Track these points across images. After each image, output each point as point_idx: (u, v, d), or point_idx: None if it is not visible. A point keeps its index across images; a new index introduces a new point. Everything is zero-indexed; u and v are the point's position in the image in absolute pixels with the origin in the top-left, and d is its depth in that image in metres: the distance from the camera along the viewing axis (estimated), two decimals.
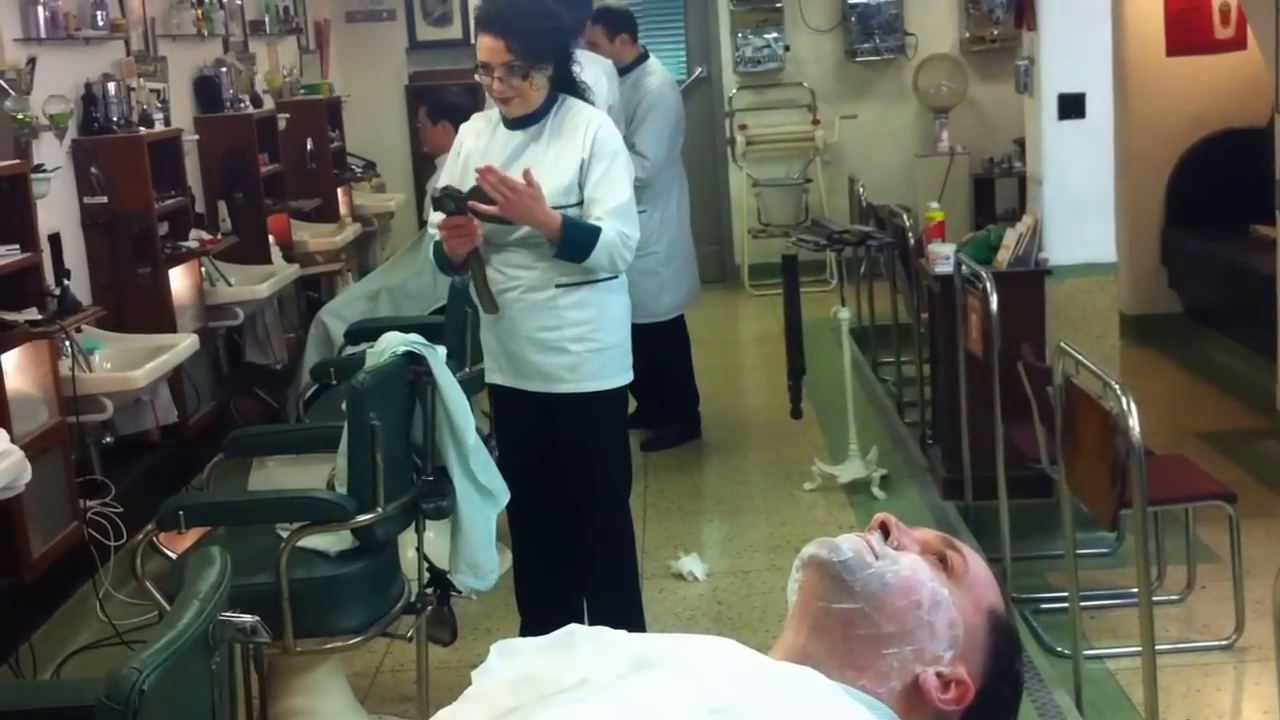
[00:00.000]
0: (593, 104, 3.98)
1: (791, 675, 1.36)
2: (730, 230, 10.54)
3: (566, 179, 3.77)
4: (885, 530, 1.50)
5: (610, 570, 4.12)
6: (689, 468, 6.29)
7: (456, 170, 3.91)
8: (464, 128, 4.02)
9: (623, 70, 6.40)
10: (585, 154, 3.78)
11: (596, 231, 3.73)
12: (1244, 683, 4.18)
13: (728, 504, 5.80)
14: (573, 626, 1.47)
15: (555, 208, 3.72)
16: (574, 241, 3.72)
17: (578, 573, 4.11)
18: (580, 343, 3.87)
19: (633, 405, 6.33)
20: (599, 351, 3.91)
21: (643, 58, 6.43)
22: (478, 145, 3.90)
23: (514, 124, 3.86)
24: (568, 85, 3.89)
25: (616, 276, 3.92)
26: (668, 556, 5.09)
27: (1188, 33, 7.75)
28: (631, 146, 5.28)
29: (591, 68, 5.28)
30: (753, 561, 5.10)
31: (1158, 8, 7.74)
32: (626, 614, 4.02)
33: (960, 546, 1.51)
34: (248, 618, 2.39)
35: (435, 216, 3.81)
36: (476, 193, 3.68)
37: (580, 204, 3.78)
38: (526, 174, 3.66)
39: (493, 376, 4.03)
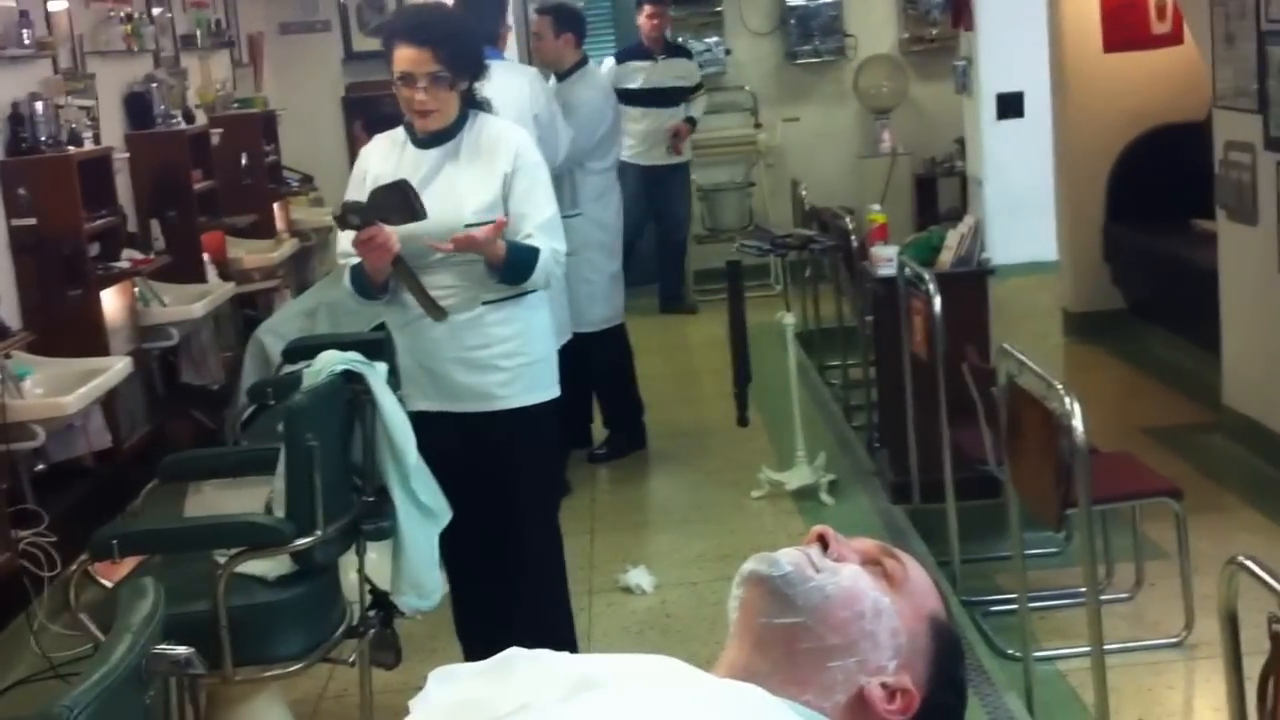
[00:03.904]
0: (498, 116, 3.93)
1: (735, 693, 1.35)
2: None
3: (489, 195, 3.72)
4: (824, 542, 1.49)
5: (543, 586, 4.04)
6: (635, 479, 6.26)
7: (364, 195, 3.74)
8: (365, 151, 3.92)
9: (561, 74, 6.37)
10: (508, 168, 3.73)
11: (535, 253, 3.71)
12: (1194, 680, 4.19)
13: (675, 514, 5.77)
14: (513, 650, 1.45)
15: (479, 225, 3.65)
16: (516, 266, 3.69)
17: (511, 591, 4.01)
18: (511, 358, 3.82)
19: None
20: (530, 365, 3.86)
21: (582, 63, 6.39)
22: (385, 168, 3.78)
23: (425, 142, 3.77)
24: (474, 101, 3.83)
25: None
26: (615, 570, 5.04)
27: (1124, 29, 7.78)
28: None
29: (515, 77, 5.25)
30: (701, 572, 5.07)
31: (1094, 4, 7.77)
32: (557, 629, 3.96)
33: (899, 554, 1.51)
34: (181, 650, 2.35)
35: (344, 240, 3.73)
36: (379, 195, 3.59)
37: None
38: (500, 222, 3.62)
39: (416, 403, 3.88)
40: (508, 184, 3.73)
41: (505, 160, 3.73)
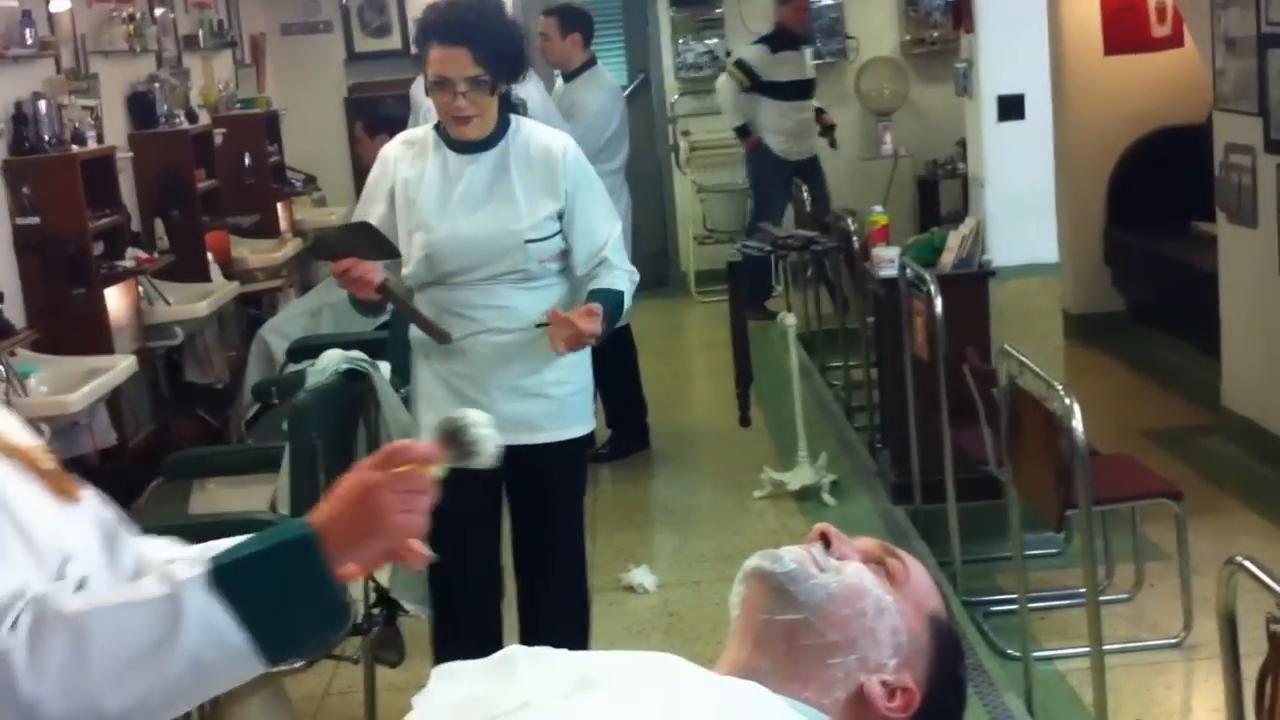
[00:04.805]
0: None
1: (736, 690, 1.35)
2: (676, 237, 10.52)
3: (548, 210, 3.48)
4: (826, 540, 1.50)
5: (570, 607, 3.80)
6: (638, 479, 6.26)
7: (398, 202, 3.50)
8: (387, 154, 3.58)
9: (568, 75, 6.36)
10: (569, 184, 3.49)
11: (621, 296, 3.50)
12: (1193, 680, 4.19)
13: (677, 514, 5.77)
14: (515, 648, 1.46)
15: (538, 240, 3.47)
16: (614, 319, 3.47)
17: (529, 613, 3.75)
18: (561, 385, 3.55)
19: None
20: (576, 394, 3.61)
21: (590, 64, 6.37)
22: (415, 173, 3.50)
23: (465, 148, 3.49)
24: (511, 105, 3.60)
25: None
26: (618, 569, 5.05)
27: (1125, 31, 7.79)
28: None
29: None
30: (704, 571, 5.08)
31: (1094, 7, 7.78)
32: (575, 637, 3.71)
33: (900, 553, 1.52)
34: None
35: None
36: (346, 234, 3.44)
37: (561, 232, 3.51)
38: (591, 309, 3.38)
39: None
40: (569, 200, 3.49)
41: (565, 174, 3.49)
